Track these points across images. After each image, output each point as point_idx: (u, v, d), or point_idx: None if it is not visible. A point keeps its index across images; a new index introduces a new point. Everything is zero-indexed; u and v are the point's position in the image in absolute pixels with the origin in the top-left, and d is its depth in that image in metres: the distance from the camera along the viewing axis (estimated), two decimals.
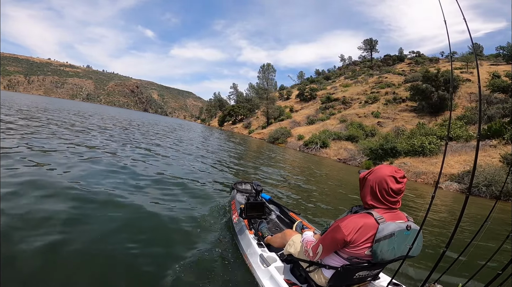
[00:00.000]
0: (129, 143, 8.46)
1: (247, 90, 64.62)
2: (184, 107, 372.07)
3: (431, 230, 4.27)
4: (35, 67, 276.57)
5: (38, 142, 5.79)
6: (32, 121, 9.74)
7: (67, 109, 24.38)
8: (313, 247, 1.58)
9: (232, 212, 3.00)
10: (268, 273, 1.84)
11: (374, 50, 78.42)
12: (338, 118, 30.08)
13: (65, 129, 9.09)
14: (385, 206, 1.42)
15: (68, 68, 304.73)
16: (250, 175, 7.13)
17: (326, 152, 20.72)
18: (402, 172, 1.44)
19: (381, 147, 15.20)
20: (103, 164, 4.91)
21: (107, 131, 10.95)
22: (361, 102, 35.24)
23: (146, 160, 6.14)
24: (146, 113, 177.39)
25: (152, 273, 2.03)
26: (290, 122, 34.47)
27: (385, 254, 1.38)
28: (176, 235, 2.71)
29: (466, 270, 2.05)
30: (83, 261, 2.06)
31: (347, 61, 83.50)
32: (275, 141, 27.62)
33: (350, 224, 1.39)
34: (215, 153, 10.55)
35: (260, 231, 2.49)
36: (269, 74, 40.56)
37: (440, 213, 6.04)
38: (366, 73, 56.05)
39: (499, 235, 4.15)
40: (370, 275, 1.61)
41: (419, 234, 1.36)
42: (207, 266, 2.19)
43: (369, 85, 43.40)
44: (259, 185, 3.02)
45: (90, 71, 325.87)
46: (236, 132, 44.13)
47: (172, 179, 4.74)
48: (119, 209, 3.02)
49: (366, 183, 1.48)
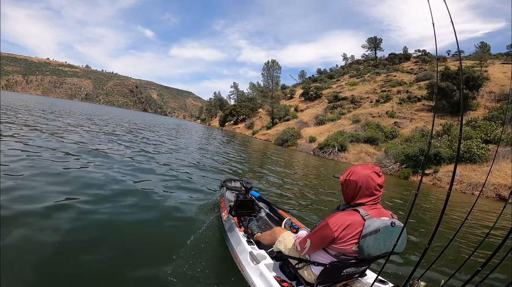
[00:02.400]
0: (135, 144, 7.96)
1: (249, 89, 62.89)
2: (183, 107, 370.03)
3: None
4: (34, 67, 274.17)
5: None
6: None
7: (75, 110, 22.29)
8: (301, 241, 1.62)
9: (222, 209, 2.99)
10: (258, 270, 1.85)
11: (378, 49, 78.06)
12: (349, 118, 27.91)
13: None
14: (372, 202, 1.50)
15: (67, 68, 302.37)
16: (265, 189, 5.52)
17: (345, 156, 18.36)
18: (378, 167, 1.55)
19: (421, 153, 12.73)
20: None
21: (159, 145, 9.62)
22: (371, 101, 33.22)
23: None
24: (146, 113, 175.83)
25: (141, 272, 2.02)
26: (297, 122, 32.24)
27: (371, 249, 1.42)
28: (164, 233, 2.71)
29: (451, 267, 2.36)
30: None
31: (349, 60, 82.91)
32: (284, 143, 25.01)
33: (338, 221, 1.44)
34: (216, 156, 9.16)
35: (250, 229, 2.45)
36: (274, 71, 38.07)
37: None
38: (372, 72, 55.14)
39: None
40: (357, 272, 1.65)
41: (403, 231, 1.37)
42: (197, 264, 2.18)
43: (378, 83, 41.91)
44: (248, 183, 3.07)
45: (89, 71, 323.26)
46: (238, 133, 42.04)
47: (162, 176, 4.78)
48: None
49: (351, 184, 1.53)
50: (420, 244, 3.51)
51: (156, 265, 2.11)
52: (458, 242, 3.53)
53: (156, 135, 13.57)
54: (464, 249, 3.45)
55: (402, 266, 2.68)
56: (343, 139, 19.40)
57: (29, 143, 5.56)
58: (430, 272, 1.48)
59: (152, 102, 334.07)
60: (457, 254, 3.14)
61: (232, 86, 70.62)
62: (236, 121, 51.34)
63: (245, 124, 46.28)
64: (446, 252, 1.52)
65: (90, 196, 3.27)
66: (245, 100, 54.72)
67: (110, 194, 3.45)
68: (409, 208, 1.25)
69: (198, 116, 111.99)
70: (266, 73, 38.58)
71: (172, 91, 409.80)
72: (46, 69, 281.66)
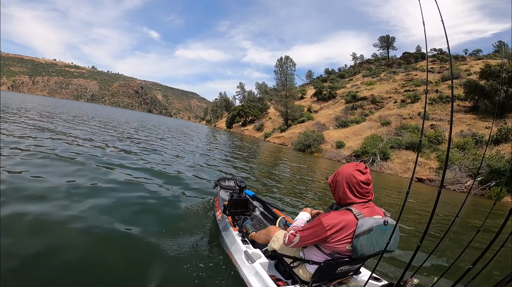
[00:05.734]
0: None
1: (257, 89, 60.33)
2: (188, 108, 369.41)
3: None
4: (40, 67, 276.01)
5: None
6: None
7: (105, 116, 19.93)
8: (291, 235, 1.60)
9: (216, 209, 2.94)
10: (253, 269, 1.84)
11: (391, 47, 76.89)
12: (375, 119, 24.90)
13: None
14: (361, 199, 1.50)
15: (73, 69, 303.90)
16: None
17: (389, 166, 15.07)
18: (363, 164, 1.55)
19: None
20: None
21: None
22: (395, 101, 30.27)
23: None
24: (151, 114, 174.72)
25: (135, 270, 2.01)
26: (314, 124, 29.21)
27: (364, 249, 1.42)
28: (158, 233, 2.61)
29: (444, 264, 2.57)
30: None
31: (358, 60, 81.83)
32: (306, 149, 21.34)
33: (331, 220, 1.44)
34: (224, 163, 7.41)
35: (244, 228, 2.44)
36: (288, 68, 34.93)
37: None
38: (388, 71, 52.98)
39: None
40: (351, 270, 1.65)
41: (395, 230, 1.35)
42: (191, 264, 2.14)
43: (398, 83, 39.13)
44: (242, 182, 2.97)
45: (95, 71, 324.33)
46: (247, 135, 39.29)
47: (157, 176, 4.75)
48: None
49: (338, 185, 1.55)
50: (415, 241, 3.22)
51: (149, 262, 2.11)
52: (455, 239, 3.69)
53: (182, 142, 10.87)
54: (459, 247, 3.19)
55: (396, 264, 2.67)
56: (384, 145, 16.08)
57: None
58: (424, 270, 1.50)
59: (157, 103, 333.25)
60: (451, 251, 3.21)
61: (238, 86, 68.05)
62: (244, 122, 48.63)
63: (254, 125, 43.55)
64: (440, 248, 1.50)
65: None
66: (253, 100, 52.00)
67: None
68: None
69: (203, 117, 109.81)
70: (279, 70, 35.47)
71: (177, 92, 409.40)
72: (53, 70, 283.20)
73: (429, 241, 3.40)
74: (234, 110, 53.06)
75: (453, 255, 2.88)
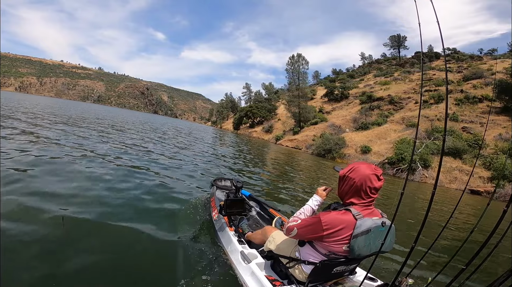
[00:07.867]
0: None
1: (264, 89, 58.83)
2: (193, 109, 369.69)
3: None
4: (48, 69, 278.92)
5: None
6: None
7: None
8: (290, 227, 1.58)
9: (212, 209, 2.92)
10: (249, 269, 1.83)
11: (402, 47, 75.16)
12: (398, 121, 23.06)
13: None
14: (365, 203, 1.45)
15: (80, 70, 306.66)
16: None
17: (432, 175, 12.98)
18: (380, 170, 1.50)
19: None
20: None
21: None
22: (416, 101, 28.37)
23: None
24: (156, 115, 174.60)
25: (132, 271, 2.00)
26: (328, 126, 27.43)
27: (361, 249, 1.41)
28: (154, 233, 2.56)
29: (439, 264, 2.46)
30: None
31: (367, 60, 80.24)
32: (327, 155, 19.10)
33: (329, 220, 1.41)
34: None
35: (241, 228, 2.42)
36: (300, 66, 33.11)
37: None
38: (400, 70, 51.16)
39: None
40: (347, 270, 1.64)
41: (390, 230, 1.33)
42: (187, 264, 2.13)
43: (415, 82, 37.07)
44: (239, 182, 2.94)
45: (102, 73, 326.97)
46: (256, 137, 37.65)
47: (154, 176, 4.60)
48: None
49: (348, 181, 1.48)
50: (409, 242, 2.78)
51: (145, 262, 2.10)
52: (451, 239, 3.75)
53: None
54: (454, 247, 3.40)
55: (391, 264, 2.67)
56: (424, 151, 14.04)
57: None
58: (418, 270, 1.48)
59: (163, 104, 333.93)
60: (446, 251, 3.21)
61: (244, 87, 66.66)
62: (252, 123, 47.03)
63: (263, 127, 41.92)
64: (435, 248, 1.51)
65: None
66: (261, 100, 50.42)
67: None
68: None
69: (208, 118, 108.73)
70: (291, 68, 33.69)
71: (182, 93, 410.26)
72: (60, 71, 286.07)
73: (427, 240, 3.38)
74: (242, 111, 51.49)
75: (450, 255, 2.92)
